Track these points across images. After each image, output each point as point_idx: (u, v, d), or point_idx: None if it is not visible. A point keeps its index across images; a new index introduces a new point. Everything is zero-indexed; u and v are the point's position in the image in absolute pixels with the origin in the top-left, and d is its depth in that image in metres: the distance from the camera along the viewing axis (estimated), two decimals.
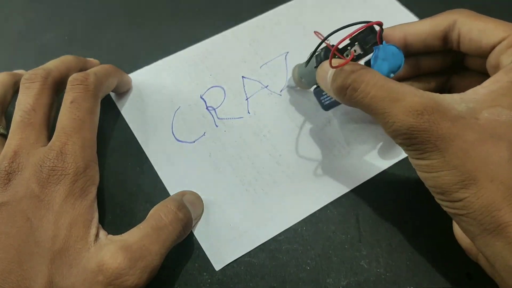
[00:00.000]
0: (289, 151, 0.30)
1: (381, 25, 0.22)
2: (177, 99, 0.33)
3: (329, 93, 0.24)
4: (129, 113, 0.32)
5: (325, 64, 0.24)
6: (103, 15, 0.38)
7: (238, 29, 0.36)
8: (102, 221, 0.26)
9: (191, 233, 0.27)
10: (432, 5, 0.36)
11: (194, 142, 0.31)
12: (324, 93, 0.27)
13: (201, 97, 0.33)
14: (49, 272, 0.21)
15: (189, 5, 0.38)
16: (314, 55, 0.26)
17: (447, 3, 0.31)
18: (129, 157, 0.30)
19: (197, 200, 0.28)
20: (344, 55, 0.24)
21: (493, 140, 0.19)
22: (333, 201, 0.28)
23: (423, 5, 0.36)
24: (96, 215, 0.24)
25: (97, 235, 0.24)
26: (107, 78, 0.29)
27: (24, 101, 0.26)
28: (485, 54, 0.23)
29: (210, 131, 0.31)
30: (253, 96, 0.33)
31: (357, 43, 0.23)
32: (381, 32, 0.23)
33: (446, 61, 0.27)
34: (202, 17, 0.37)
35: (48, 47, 0.36)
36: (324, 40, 0.24)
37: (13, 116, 0.26)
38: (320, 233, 0.27)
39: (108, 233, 0.24)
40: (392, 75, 0.23)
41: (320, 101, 0.29)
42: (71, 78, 0.27)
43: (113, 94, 0.33)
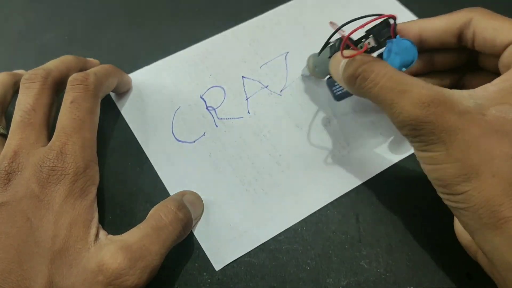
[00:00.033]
0: (289, 151, 0.30)
1: (394, 18, 0.22)
2: (177, 99, 0.33)
3: (340, 82, 0.25)
4: (129, 113, 0.32)
5: (339, 54, 0.24)
6: (103, 15, 0.38)
7: (238, 29, 0.36)
8: (102, 221, 0.26)
9: (191, 233, 0.27)
10: (432, 5, 0.36)
11: (194, 142, 0.31)
12: (336, 84, 0.28)
13: (201, 97, 0.33)
14: (49, 272, 0.21)
15: (189, 5, 0.38)
16: (329, 45, 0.26)
17: (447, 3, 0.31)
18: (129, 157, 0.30)
19: (197, 200, 0.28)
20: (358, 47, 0.24)
21: (498, 135, 0.20)
22: (333, 201, 0.28)
23: (423, 5, 0.36)
24: (96, 215, 0.24)
25: (97, 235, 0.24)
26: (107, 78, 0.29)
27: (24, 101, 0.26)
28: (498, 53, 0.23)
29: (210, 131, 0.31)
30: (253, 96, 0.33)
31: (371, 36, 0.23)
32: (395, 25, 0.23)
33: (460, 59, 0.27)
34: (202, 17, 0.37)
35: (48, 47, 0.36)
36: (338, 29, 0.24)
37: (13, 116, 0.26)
38: (320, 233, 0.27)
39: (108, 233, 0.24)
40: (404, 70, 0.23)
41: (332, 91, 0.29)
42: (71, 78, 0.27)
43: (113, 94, 0.33)
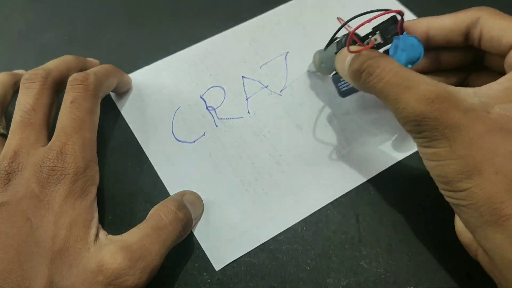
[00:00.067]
0: (289, 151, 0.30)
1: (402, 14, 0.22)
2: (177, 99, 0.33)
3: (345, 78, 0.25)
4: (129, 113, 0.32)
5: (345, 49, 0.24)
6: (103, 15, 0.38)
7: (238, 29, 0.36)
8: (102, 221, 0.26)
9: (191, 233, 0.27)
10: (432, 5, 0.36)
11: (194, 142, 0.31)
12: (341, 80, 0.28)
13: (201, 97, 0.33)
14: (49, 272, 0.21)
15: (189, 5, 0.38)
16: (335, 41, 0.26)
17: (448, 2, 0.31)
18: (129, 157, 0.30)
19: (197, 200, 0.28)
20: (365, 43, 0.24)
21: (502, 133, 0.20)
22: (333, 201, 0.28)
23: (423, 4, 0.36)
24: (96, 215, 0.24)
25: (97, 235, 0.24)
26: (107, 78, 0.29)
27: (24, 101, 0.26)
28: (504, 53, 0.23)
29: (210, 131, 0.31)
30: (253, 96, 0.33)
31: (378, 32, 0.23)
32: (402, 21, 0.23)
33: (466, 58, 0.27)
34: (202, 17, 0.37)
35: (48, 47, 0.36)
36: (344, 24, 0.24)
37: (13, 116, 0.26)
38: (320, 233, 0.27)
39: (108, 233, 0.24)
40: (410, 66, 0.23)
41: (337, 87, 0.29)
42: (71, 78, 0.27)
43: (113, 94, 0.33)
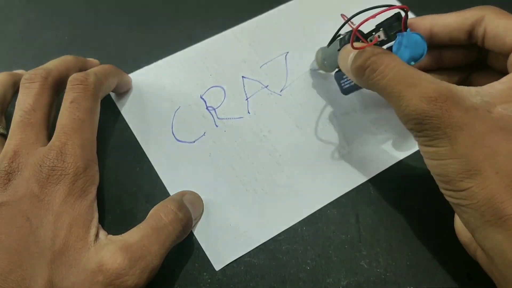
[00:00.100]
0: (289, 151, 0.30)
1: (406, 10, 0.22)
2: (177, 99, 0.33)
3: (348, 74, 0.25)
4: (129, 113, 0.32)
5: (348, 46, 0.24)
6: (103, 15, 0.38)
7: (238, 29, 0.36)
8: (102, 221, 0.26)
9: (191, 233, 0.27)
10: (432, 5, 0.36)
11: (194, 142, 0.31)
12: (344, 77, 0.28)
13: (201, 97, 0.33)
14: (49, 272, 0.21)
15: (189, 5, 0.38)
16: (339, 38, 0.26)
17: (448, 3, 0.31)
18: (129, 157, 0.30)
19: (197, 200, 0.28)
20: (368, 40, 0.24)
21: (503, 133, 0.20)
22: (333, 201, 0.28)
23: (423, 5, 0.36)
24: (96, 215, 0.24)
25: (97, 235, 0.24)
26: (107, 78, 0.29)
27: (24, 101, 0.26)
28: (507, 52, 0.23)
29: (210, 131, 0.31)
30: (253, 96, 0.33)
31: (381, 29, 0.23)
32: (406, 17, 0.23)
33: (469, 57, 0.27)
34: (202, 17, 0.37)
35: (48, 47, 0.36)
36: (348, 21, 0.24)
37: (13, 116, 0.26)
38: (320, 233, 0.27)
39: (108, 233, 0.24)
40: (413, 64, 0.23)
41: (339, 84, 0.29)
42: (71, 78, 0.27)
43: (113, 94, 0.33)
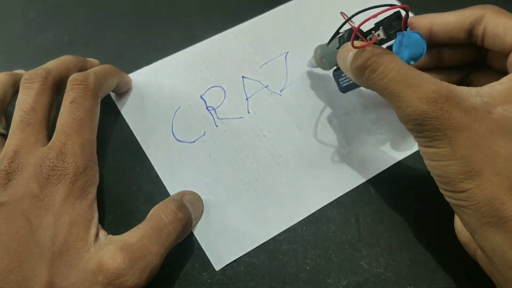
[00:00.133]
0: (289, 151, 0.30)
1: (407, 9, 0.22)
2: (177, 99, 0.33)
3: (347, 73, 0.25)
4: (129, 113, 0.32)
5: (348, 44, 0.24)
6: (103, 15, 0.38)
7: (238, 29, 0.36)
8: (102, 221, 0.26)
9: (191, 233, 0.27)
10: (432, 5, 0.36)
11: (194, 142, 0.31)
12: (343, 75, 0.28)
13: (201, 97, 0.33)
14: (49, 272, 0.21)
15: (189, 5, 0.38)
16: (338, 36, 0.26)
17: (448, 2, 0.31)
18: (129, 157, 0.30)
19: (197, 200, 0.28)
20: (368, 38, 0.24)
21: (503, 134, 0.20)
22: (333, 201, 0.28)
23: (423, 5, 0.36)
24: (96, 215, 0.24)
25: (97, 235, 0.24)
26: (107, 78, 0.29)
27: (24, 101, 0.26)
28: (507, 52, 0.23)
29: (210, 131, 0.31)
30: (253, 96, 0.33)
31: (381, 28, 0.23)
32: (407, 16, 0.22)
33: (468, 56, 0.27)
34: (202, 17, 0.37)
35: (48, 47, 0.36)
36: (348, 20, 0.24)
37: (13, 116, 0.26)
38: (320, 233, 0.27)
39: (108, 233, 0.24)
40: (413, 63, 0.23)
41: (338, 82, 0.29)
42: (71, 78, 0.27)
43: (113, 94, 0.33)
